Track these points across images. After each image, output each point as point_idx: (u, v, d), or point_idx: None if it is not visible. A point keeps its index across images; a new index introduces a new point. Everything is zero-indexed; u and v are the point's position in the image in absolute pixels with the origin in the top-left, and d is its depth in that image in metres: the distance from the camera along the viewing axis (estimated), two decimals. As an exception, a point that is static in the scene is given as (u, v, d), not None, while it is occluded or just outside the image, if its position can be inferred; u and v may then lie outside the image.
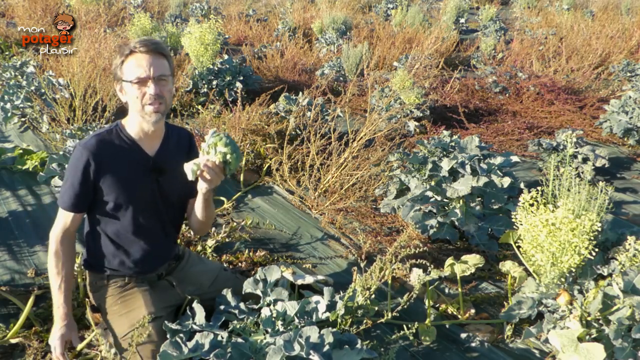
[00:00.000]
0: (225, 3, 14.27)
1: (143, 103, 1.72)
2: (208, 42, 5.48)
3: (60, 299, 1.78)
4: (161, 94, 1.72)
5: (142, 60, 1.68)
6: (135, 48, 1.68)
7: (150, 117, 1.75)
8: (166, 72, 1.74)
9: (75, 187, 1.75)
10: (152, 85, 1.69)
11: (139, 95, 1.70)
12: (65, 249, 1.81)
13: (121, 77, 1.72)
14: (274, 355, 1.55)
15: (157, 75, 1.70)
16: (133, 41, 1.71)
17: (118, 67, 1.73)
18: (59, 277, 1.79)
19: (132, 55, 1.69)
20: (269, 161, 3.89)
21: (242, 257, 2.68)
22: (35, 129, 4.55)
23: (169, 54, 1.79)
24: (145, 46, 1.68)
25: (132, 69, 1.69)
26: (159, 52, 1.72)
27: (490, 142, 4.64)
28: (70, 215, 1.80)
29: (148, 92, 1.70)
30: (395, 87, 5.02)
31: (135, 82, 1.68)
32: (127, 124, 1.84)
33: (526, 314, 2.10)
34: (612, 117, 4.63)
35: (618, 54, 7.82)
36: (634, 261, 2.02)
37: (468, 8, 13.18)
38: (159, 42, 1.75)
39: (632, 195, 3.77)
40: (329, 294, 1.94)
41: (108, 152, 1.77)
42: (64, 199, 1.78)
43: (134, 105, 1.73)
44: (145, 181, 1.85)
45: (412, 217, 2.83)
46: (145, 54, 1.68)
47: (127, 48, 1.69)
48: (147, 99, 1.70)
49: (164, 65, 1.73)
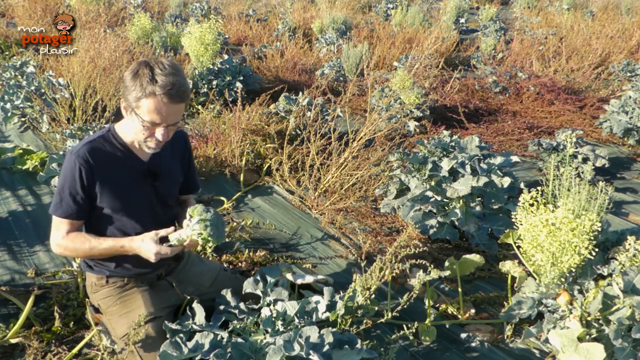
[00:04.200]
0: (225, 3, 14.26)
1: (147, 140, 1.69)
2: (208, 42, 5.48)
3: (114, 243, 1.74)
4: (168, 138, 1.70)
5: (162, 108, 1.60)
6: (159, 95, 1.58)
7: (148, 150, 1.74)
8: (179, 117, 1.69)
9: (71, 196, 1.71)
10: (163, 131, 1.66)
11: (146, 134, 1.67)
12: (72, 234, 1.76)
13: (133, 108, 1.63)
14: (274, 355, 1.55)
15: (172, 123, 1.67)
16: (159, 78, 1.57)
17: (133, 97, 1.61)
18: (94, 241, 1.73)
19: (152, 97, 1.58)
20: (269, 161, 3.89)
21: (242, 257, 2.68)
22: (35, 129, 4.55)
23: (189, 96, 1.71)
24: (170, 97, 1.58)
25: (149, 111, 1.60)
26: (182, 101, 1.64)
27: (490, 142, 4.64)
28: (69, 222, 1.75)
29: (156, 136, 1.67)
30: (395, 87, 5.02)
31: (148, 124, 1.64)
32: (120, 130, 1.80)
33: (526, 314, 2.10)
34: (612, 117, 4.63)
35: (618, 54, 7.82)
36: (634, 261, 2.02)
37: (468, 8, 13.18)
38: (184, 89, 1.63)
39: (632, 195, 3.77)
40: (329, 294, 1.94)
41: (101, 160, 1.73)
42: (63, 208, 1.72)
43: (137, 135, 1.70)
44: (140, 186, 1.84)
45: (412, 217, 2.83)
46: (167, 103, 1.60)
47: (150, 87, 1.57)
48: (152, 139, 1.68)
49: (180, 112, 1.67)
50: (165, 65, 1.60)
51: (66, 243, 1.75)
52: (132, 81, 1.61)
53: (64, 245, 1.76)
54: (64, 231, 1.76)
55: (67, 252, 1.79)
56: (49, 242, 1.80)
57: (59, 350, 1.95)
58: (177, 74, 1.61)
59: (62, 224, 1.76)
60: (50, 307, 2.20)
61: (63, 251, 1.78)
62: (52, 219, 1.78)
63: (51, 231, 1.78)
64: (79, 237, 1.76)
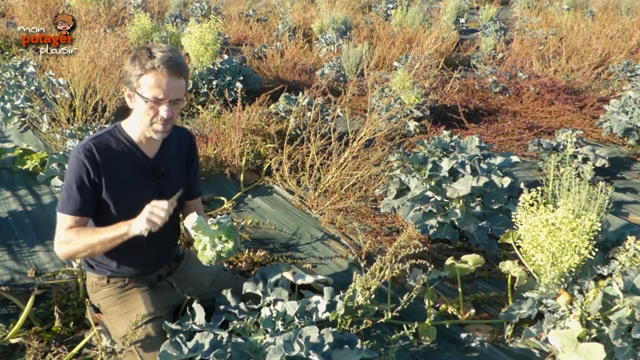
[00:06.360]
0: (225, 3, 14.27)
1: (153, 121, 1.70)
2: (208, 42, 5.48)
3: (113, 229, 1.68)
4: (172, 117, 1.71)
5: (163, 80, 1.63)
6: (159, 67, 1.62)
7: (156, 135, 1.75)
8: (182, 95, 1.71)
9: (78, 191, 1.70)
10: (167, 108, 1.67)
11: (151, 113, 1.68)
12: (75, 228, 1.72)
13: (135, 88, 1.67)
14: (274, 355, 1.55)
15: (174, 99, 1.68)
16: (157, 54, 1.63)
17: (134, 77, 1.65)
18: (95, 234, 1.69)
19: (152, 72, 1.63)
20: (269, 161, 3.89)
21: (242, 257, 2.68)
22: (35, 129, 4.55)
23: (188, 73, 1.75)
24: (169, 68, 1.63)
25: (150, 87, 1.64)
26: (180, 73, 1.68)
27: (490, 142, 4.64)
28: (74, 220, 1.72)
29: (160, 114, 1.68)
30: (395, 87, 5.02)
31: (152, 101, 1.66)
32: (127, 126, 1.81)
33: (526, 314, 2.10)
34: (612, 117, 4.63)
35: (618, 54, 7.82)
36: (634, 261, 2.02)
37: (468, 8, 13.19)
38: (181, 62, 1.69)
39: (632, 195, 3.77)
40: (329, 294, 1.94)
41: (106, 155, 1.74)
42: (70, 204, 1.70)
43: (143, 118, 1.71)
44: (145, 183, 1.84)
45: (412, 217, 2.83)
46: (167, 75, 1.64)
47: (149, 62, 1.62)
48: (158, 119, 1.69)
49: (181, 88, 1.70)
50: (161, 45, 1.68)
51: (69, 236, 1.69)
52: (131, 64, 1.66)
53: (67, 239, 1.69)
54: (64, 229, 1.71)
55: (70, 248, 1.70)
56: (49, 242, 1.80)
57: (59, 350, 1.95)
58: (174, 51, 1.68)
59: (67, 221, 1.71)
60: (50, 307, 2.19)
61: (66, 248, 1.70)
62: (57, 220, 1.73)
63: (55, 233, 1.73)
64: (81, 229, 1.72)
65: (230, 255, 1.74)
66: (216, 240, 1.71)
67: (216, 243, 1.71)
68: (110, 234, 1.68)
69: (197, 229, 1.68)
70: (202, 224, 1.68)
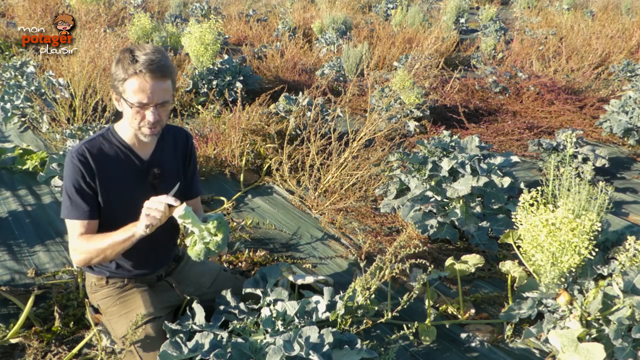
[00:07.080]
0: (225, 3, 14.27)
1: (140, 125, 1.69)
2: (208, 42, 5.48)
3: (121, 232, 1.67)
4: (160, 119, 1.69)
5: (146, 85, 1.60)
6: (141, 72, 1.58)
7: (145, 138, 1.73)
8: (168, 97, 1.68)
9: (79, 195, 1.70)
10: (153, 111, 1.65)
11: (138, 117, 1.67)
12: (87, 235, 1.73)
13: (121, 93, 1.64)
14: (274, 355, 1.55)
15: (160, 102, 1.65)
16: (140, 57, 1.58)
17: (119, 82, 1.63)
18: (104, 238, 1.68)
19: (135, 77, 1.59)
20: (269, 161, 3.89)
21: (242, 257, 2.68)
22: (35, 129, 4.55)
23: (173, 73, 1.71)
24: (151, 72, 1.59)
25: (134, 91, 1.61)
26: (164, 76, 1.64)
27: (490, 142, 4.64)
28: (83, 225, 1.72)
29: (147, 118, 1.66)
30: (395, 87, 5.02)
31: (137, 106, 1.64)
32: (120, 128, 1.80)
33: (526, 314, 2.10)
34: (612, 117, 4.63)
35: (618, 54, 7.82)
36: (634, 261, 2.02)
37: (468, 8, 13.19)
38: (165, 64, 1.64)
39: (632, 195, 3.77)
40: (329, 294, 1.94)
41: (99, 157, 1.73)
42: (75, 210, 1.70)
43: (131, 122, 1.70)
44: (140, 185, 1.83)
45: (412, 217, 2.83)
46: (150, 79, 1.60)
47: (131, 67, 1.58)
48: (145, 123, 1.68)
49: (166, 90, 1.67)
50: (145, 47, 1.63)
51: (80, 243, 1.70)
52: (115, 67, 1.64)
53: (79, 248, 1.70)
54: (79, 234, 1.72)
55: (83, 256, 1.71)
56: (49, 242, 1.80)
57: (59, 350, 1.95)
58: (158, 52, 1.63)
59: (77, 228, 1.72)
60: (50, 307, 2.19)
61: (79, 256, 1.71)
62: (67, 227, 1.73)
63: (69, 240, 1.74)
64: (91, 236, 1.72)
65: (220, 249, 1.69)
66: (205, 234, 1.67)
67: (204, 236, 1.67)
68: (118, 237, 1.67)
69: (185, 217, 1.63)
70: (189, 214, 1.64)
